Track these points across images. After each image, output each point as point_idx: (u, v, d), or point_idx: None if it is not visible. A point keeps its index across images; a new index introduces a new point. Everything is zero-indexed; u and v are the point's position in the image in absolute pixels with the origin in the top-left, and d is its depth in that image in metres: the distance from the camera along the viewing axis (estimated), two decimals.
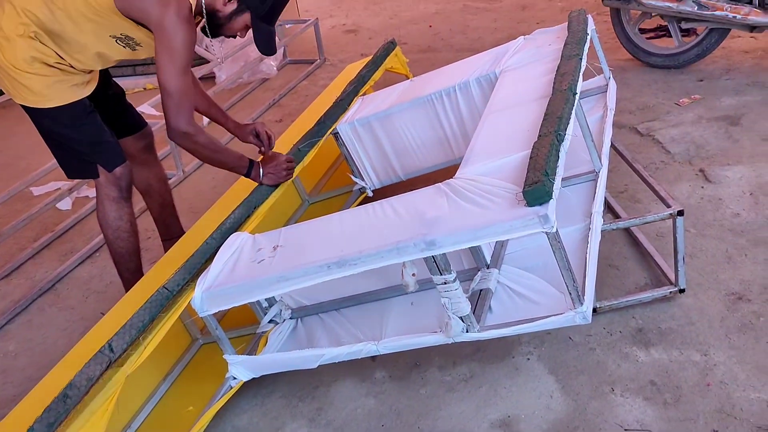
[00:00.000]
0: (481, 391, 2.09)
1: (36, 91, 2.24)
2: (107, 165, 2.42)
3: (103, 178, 2.43)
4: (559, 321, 1.74)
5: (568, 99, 2.02)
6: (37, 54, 2.20)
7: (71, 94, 2.30)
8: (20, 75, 2.22)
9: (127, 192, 2.49)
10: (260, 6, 2.23)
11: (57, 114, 2.29)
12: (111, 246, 2.54)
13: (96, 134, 2.39)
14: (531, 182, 1.65)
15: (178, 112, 2.18)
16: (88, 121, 2.36)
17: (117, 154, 2.45)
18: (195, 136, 2.23)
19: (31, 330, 2.77)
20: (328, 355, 2.01)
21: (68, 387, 1.65)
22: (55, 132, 2.37)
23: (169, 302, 1.95)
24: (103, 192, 2.45)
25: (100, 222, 2.51)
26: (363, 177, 3.08)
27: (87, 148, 2.40)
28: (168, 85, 2.15)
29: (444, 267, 1.75)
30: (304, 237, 2.08)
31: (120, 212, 2.48)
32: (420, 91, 2.89)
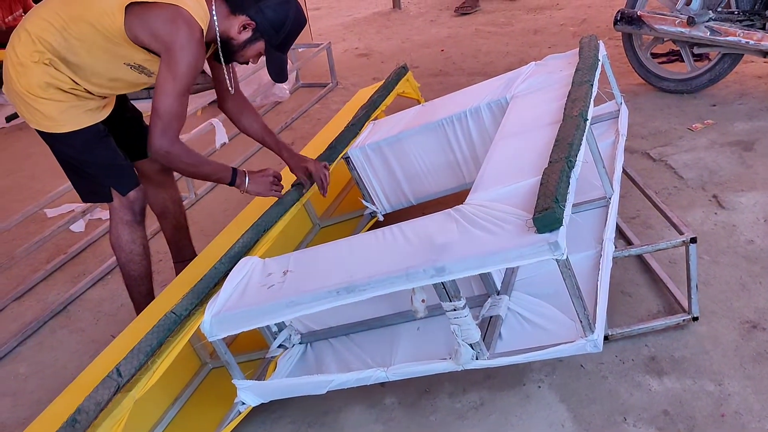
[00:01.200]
0: (491, 418, 2.07)
1: (50, 117, 2.26)
2: (121, 189, 2.43)
3: (117, 202, 2.44)
4: (570, 349, 1.73)
5: (578, 125, 2.02)
6: (52, 80, 2.21)
7: (85, 119, 2.32)
8: (34, 101, 2.24)
9: (141, 216, 2.50)
10: (275, 35, 2.28)
11: (70, 139, 2.31)
12: (123, 269, 2.54)
13: (109, 158, 2.41)
14: (541, 209, 1.64)
15: (164, 133, 2.19)
16: (101, 145, 2.38)
17: (130, 177, 2.46)
18: (178, 156, 2.25)
19: (42, 352, 2.78)
20: (337, 381, 2.00)
21: (77, 412, 1.65)
22: (69, 156, 2.39)
23: (177, 326, 1.95)
24: (117, 216, 2.47)
25: (113, 245, 2.52)
26: (374, 201, 3.08)
27: (100, 171, 2.41)
28: (162, 105, 2.16)
29: (454, 294, 1.74)
30: (313, 262, 2.08)
31: (133, 236, 2.49)
32: (431, 116, 2.90)
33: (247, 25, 2.25)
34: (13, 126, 5.63)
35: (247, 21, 2.24)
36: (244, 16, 2.24)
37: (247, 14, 2.24)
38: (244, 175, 2.45)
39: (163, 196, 2.76)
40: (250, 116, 2.66)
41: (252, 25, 2.25)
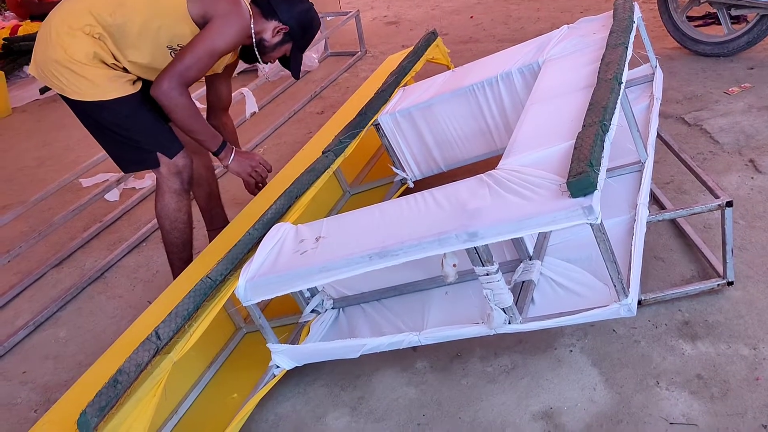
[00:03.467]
0: (522, 382, 2.08)
1: (97, 83, 2.32)
2: (167, 151, 2.47)
3: (166, 170, 2.48)
4: (603, 313, 1.73)
5: (613, 88, 1.99)
6: (99, 51, 2.30)
7: (129, 87, 2.38)
8: (81, 68, 2.29)
9: (188, 184, 2.54)
10: (301, 39, 2.54)
11: (117, 105, 2.36)
12: (167, 236, 2.58)
13: (154, 123, 2.45)
14: (575, 173, 1.63)
15: (176, 75, 2.27)
16: (145, 110, 2.43)
17: (175, 140, 2.50)
18: (178, 99, 2.30)
19: (81, 317, 2.85)
20: (370, 345, 2.03)
21: (118, 373, 1.69)
22: (114, 124, 2.41)
23: (213, 291, 1.98)
24: (166, 184, 2.50)
25: (158, 213, 2.55)
26: (404, 168, 3.08)
27: (146, 137, 2.45)
28: (187, 54, 2.28)
29: (486, 258, 1.75)
30: (346, 228, 2.09)
31: (180, 204, 2.53)
32: (461, 81, 2.88)
33: (280, 30, 2.47)
34: (47, 98, 5.71)
35: (280, 26, 2.46)
36: (276, 21, 2.46)
37: (279, 19, 2.46)
38: (232, 151, 2.52)
39: (197, 163, 2.77)
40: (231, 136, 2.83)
41: (285, 29, 2.47)
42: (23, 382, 2.53)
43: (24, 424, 2.32)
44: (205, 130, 2.44)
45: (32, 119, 5.31)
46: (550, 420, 1.94)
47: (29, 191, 4.05)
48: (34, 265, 3.23)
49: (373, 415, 2.09)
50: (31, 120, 5.29)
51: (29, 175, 4.35)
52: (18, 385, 2.52)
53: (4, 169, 4.50)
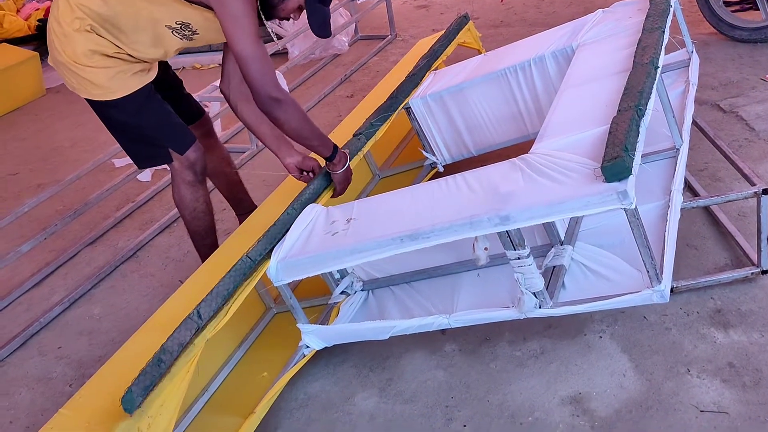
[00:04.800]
0: (551, 367, 2.08)
1: (99, 84, 2.24)
2: (178, 147, 2.42)
3: (178, 164, 2.46)
4: (635, 299, 1.72)
5: (649, 73, 1.96)
6: (95, 47, 2.19)
7: (134, 83, 2.29)
8: (82, 69, 2.22)
9: (202, 175, 2.52)
10: None
11: (122, 104, 2.29)
12: (188, 225, 2.61)
13: (163, 117, 2.40)
14: (610, 158, 1.62)
15: (264, 76, 2.06)
16: (153, 106, 2.36)
17: (186, 134, 2.46)
18: (285, 102, 2.12)
19: (115, 295, 2.90)
20: (400, 326, 2.04)
21: (161, 351, 1.72)
22: (123, 122, 2.38)
23: (252, 270, 2.01)
24: (179, 176, 2.50)
25: (176, 203, 2.57)
26: (434, 152, 3.07)
27: (156, 133, 2.40)
28: (244, 51, 2.04)
29: (518, 242, 1.75)
30: (377, 210, 2.10)
31: (195, 194, 2.54)
32: (494, 65, 2.86)
33: None
34: None
35: None
36: None
37: None
38: (347, 159, 2.36)
39: (211, 158, 2.71)
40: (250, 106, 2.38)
41: None
42: (58, 357, 2.59)
43: (60, 398, 2.37)
44: (318, 137, 2.27)
45: (65, 100, 5.37)
46: (579, 405, 1.94)
47: (63, 171, 4.12)
48: (69, 243, 3.29)
49: (402, 396, 2.11)
50: (64, 101, 5.36)
51: (63, 155, 4.42)
52: (53, 360, 2.58)
53: (39, 149, 4.58)
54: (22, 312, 2.88)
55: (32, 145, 4.67)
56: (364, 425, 2.04)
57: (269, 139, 2.46)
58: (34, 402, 2.40)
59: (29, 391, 2.45)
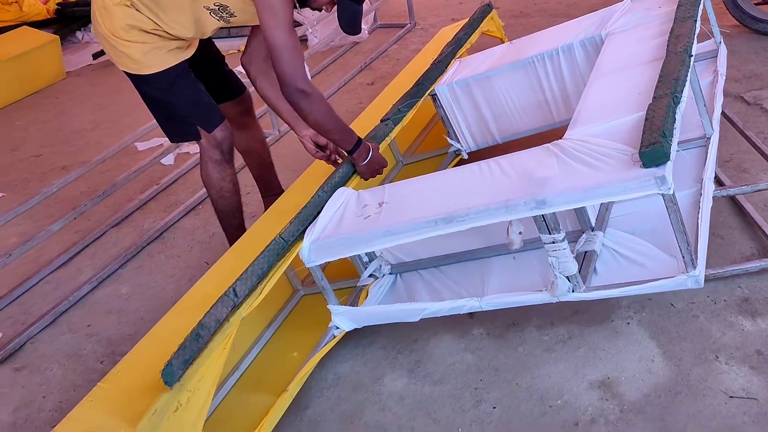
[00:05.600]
0: (579, 352, 2.10)
1: (134, 59, 2.31)
2: (206, 126, 2.47)
3: (205, 142, 2.50)
4: (670, 284, 1.74)
5: (683, 61, 1.98)
6: (134, 21, 2.25)
7: (169, 59, 2.35)
8: (119, 43, 2.29)
9: (229, 155, 2.56)
10: None
11: (155, 80, 2.36)
12: (215, 204, 2.64)
13: (194, 97, 2.45)
14: (648, 143, 1.64)
15: (293, 68, 2.10)
16: (185, 84, 2.42)
17: (215, 114, 2.50)
18: (312, 95, 2.15)
19: (142, 275, 2.93)
20: (431, 309, 2.06)
21: (200, 327, 1.75)
22: (155, 97, 2.44)
23: (286, 251, 2.03)
24: (206, 155, 2.54)
25: (204, 182, 2.61)
26: (458, 139, 3.09)
27: (185, 110, 2.46)
28: (277, 40, 2.08)
29: (553, 226, 1.77)
30: (409, 194, 2.12)
31: (222, 174, 2.57)
32: (521, 53, 2.87)
33: None
34: (100, 63, 5.82)
35: None
36: None
37: None
38: (368, 151, 2.36)
39: (246, 136, 2.80)
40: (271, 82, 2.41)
41: None
42: (88, 335, 2.62)
43: (91, 374, 2.41)
44: (342, 130, 2.29)
45: (86, 83, 5.41)
46: (608, 389, 1.96)
47: (86, 153, 4.16)
48: (94, 224, 3.32)
49: (431, 377, 2.13)
50: (85, 84, 5.40)
51: (85, 137, 4.46)
52: (83, 338, 2.62)
53: (61, 131, 4.61)
54: (51, 291, 2.92)
55: (54, 127, 4.71)
56: (394, 405, 2.07)
57: (286, 113, 2.48)
58: (65, 378, 2.43)
59: (61, 368, 2.49)
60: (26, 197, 3.63)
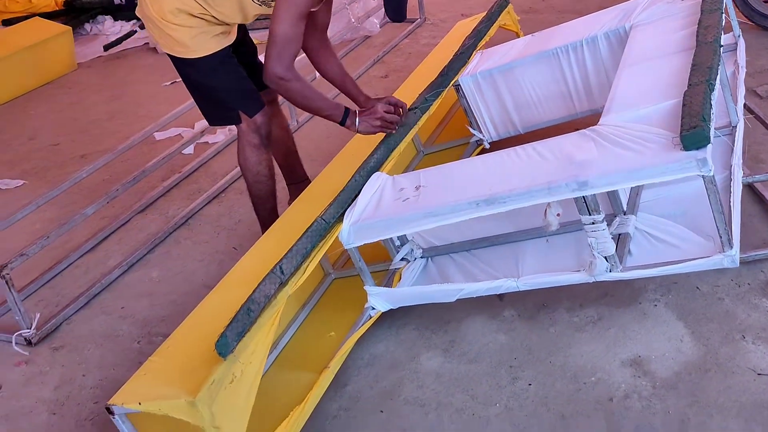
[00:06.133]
0: (609, 332, 2.17)
1: (181, 42, 2.38)
2: (248, 110, 2.54)
3: (245, 126, 2.56)
4: (706, 263, 1.81)
5: (715, 50, 2.05)
6: (182, 5, 2.32)
7: (213, 44, 2.42)
8: (167, 26, 2.36)
9: (267, 139, 2.62)
10: None
11: (200, 64, 2.43)
12: (251, 188, 2.69)
13: (236, 81, 2.52)
14: (689, 127, 1.71)
15: (279, 58, 2.20)
16: (228, 69, 2.49)
17: (256, 100, 2.57)
18: (289, 82, 2.25)
19: (170, 260, 2.98)
20: (468, 289, 2.13)
21: (250, 302, 1.81)
22: (198, 81, 2.51)
23: (326, 232, 2.09)
24: (245, 139, 2.60)
25: (241, 166, 2.66)
26: (481, 129, 3.15)
27: (228, 95, 2.53)
28: (277, 30, 2.18)
29: (593, 207, 1.83)
30: (446, 178, 2.18)
31: (260, 158, 2.63)
32: (545, 45, 2.93)
33: None
34: (111, 55, 5.85)
35: None
36: None
37: None
38: (355, 115, 2.45)
39: (273, 125, 2.83)
40: (331, 58, 2.60)
41: None
42: (122, 317, 2.67)
43: (129, 354, 2.47)
44: (326, 108, 2.41)
45: (98, 75, 5.44)
46: (639, 367, 2.03)
47: (104, 142, 4.19)
48: (119, 211, 3.36)
49: (466, 356, 2.20)
50: (96, 75, 5.43)
51: (101, 127, 4.49)
52: (118, 319, 2.66)
53: (77, 121, 4.65)
54: (81, 274, 2.97)
55: (69, 117, 4.74)
56: (432, 383, 2.13)
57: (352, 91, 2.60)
58: (104, 357, 2.48)
59: (98, 347, 2.54)
60: (46, 184, 3.70)
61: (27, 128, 4.67)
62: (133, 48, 5.93)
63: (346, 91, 2.62)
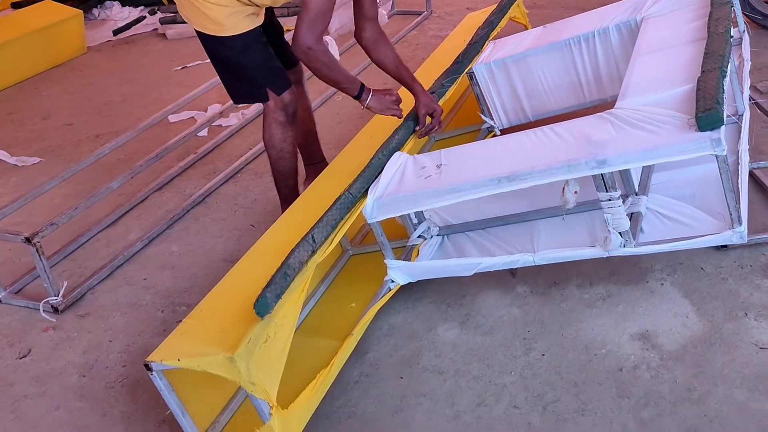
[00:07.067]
0: (618, 308, 2.28)
1: (216, 21, 2.47)
2: (277, 89, 2.63)
3: (273, 104, 2.65)
4: (716, 239, 1.92)
5: (726, 40, 2.15)
6: None
7: (246, 24, 2.52)
8: (203, 5, 2.45)
9: (293, 117, 2.71)
10: None
11: (233, 42, 2.52)
12: (274, 165, 2.78)
13: (267, 60, 2.62)
14: (704, 109, 1.81)
15: (309, 29, 2.30)
16: (259, 48, 2.58)
17: (284, 78, 2.67)
18: (317, 53, 2.35)
19: (190, 235, 3.06)
20: (486, 263, 2.23)
21: (286, 266, 1.90)
22: (230, 59, 2.59)
23: (353, 205, 2.19)
24: (272, 116, 2.68)
25: (266, 143, 2.75)
26: (492, 116, 3.25)
27: (259, 73, 2.61)
28: (312, 2, 2.28)
29: (611, 185, 1.93)
30: (467, 157, 2.28)
31: (285, 135, 2.72)
32: (557, 35, 3.04)
33: None
34: (120, 39, 5.92)
35: None
36: None
37: None
38: (369, 92, 2.56)
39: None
40: (386, 47, 2.68)
41: None
42: (146, 287, 2.75)
43: (153, 322, 2.55)
44: (345, 80, 2.51)
45: (108, 58, 5.51)
46: (647, 340, 2.14)
47: (117, 123, 4.27)
48: (136, 188, 3.44)
49: (481, 328, 2.30)
50: (107, 59, 5.49)
51: (115, 108, 4.56)
52: (141, 290, 2.75)
53: (91, 102, 4.71)
54: (102, 247, 3.05)
55: (82, 98, 4.81)
56: (449, 352, 2.23)
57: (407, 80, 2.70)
58: (129, 324, 2.57)
59: (123, 316, 2.62)
60: (63, 162, 3.77)
61: (40, 108, 4.73)
62: (143, 33, 6.00)
63: (401, 79, 2.71)
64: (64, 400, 2.28)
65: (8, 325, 2.66)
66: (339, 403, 2.11)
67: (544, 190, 2.11)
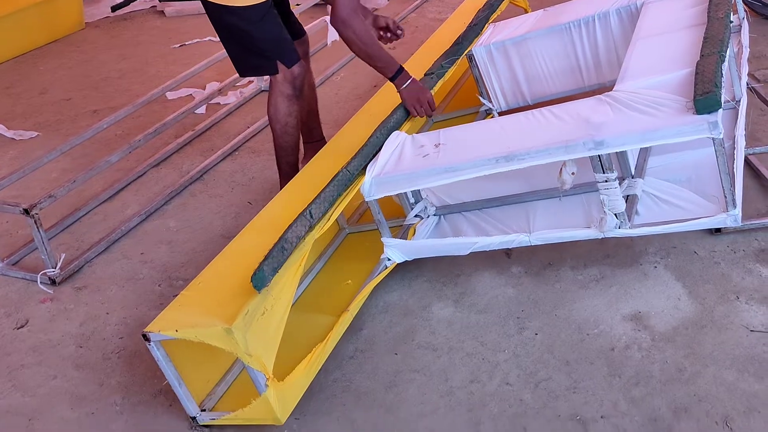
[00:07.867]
0: (612, 290, 2.30)
1: None
2: (286, 61, 2.64)
3: (281, 76, 2.66)
4: (710, 222, 1.94)
5: (726, 25, 2.17)
6: None
7: None
8: None
9: (300, 91, 2.72)
10: None
11: (247, 12, 2.53)
12: (278, 139, 2.78)
13: (278, 32, 2.63)
14: (702, 92, 1.83)
15: (348, 1, 2.36)
16: (271, 19, 2.60)
17: (294, 51, 2.68)
18: (355, 26, 2.38)
19: (187, 211, 3.07)
20: (481, 243, 2.25)
21: (284, 241, 1.92)
22: (240, 29, 2.59)
23: (351, 183, 2.20)
24: (278, 89, 2.69)
25: (270, 116, 2.75)
26: (491, 99, 3.26)
27: (270, 45, 2.62)
28: None
29: (607, 166, 1.95)
30: (465, 137, 2.29)
31: (290, 108, 2.72)
32: (558, 19, 3.04)
33: None
34: (117, 16, 5.89)
35: None
36: None
37: None
38: (409, 77, 2.55)
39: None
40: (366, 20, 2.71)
41: None
42: (143, 262, 2.77)
43: (150, 296, 2.56)
44: (382, 57, 2.51)
45: (106, 35, 5.49)
46: (640, 321, 2.17)
47: (115, 99, 4.26)
48: (133, 164, 3.45)
49: (476, 307, 2.32)
50: (104, 35, 5.47)
51: (113, 84, 4.55)
52: (138, 264, 2.76)
53: (89, 77, 4.70)
54: (99, 221, 3.06)
55: (80, 73, 4.80)
56: (443, 330, 2.25)
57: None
58: (126, 297, 2.58)
59: (120, 289, 2.63)
60: (60, 137, 3.77)
61: (38, 83, 4.72)
62: (141, 10, 5.97)
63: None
64: (61, 370, 2.30)
65: (5, 296, 2.67)
66: (334, 376, 2.13)
67: (541, 171, 2.13)
